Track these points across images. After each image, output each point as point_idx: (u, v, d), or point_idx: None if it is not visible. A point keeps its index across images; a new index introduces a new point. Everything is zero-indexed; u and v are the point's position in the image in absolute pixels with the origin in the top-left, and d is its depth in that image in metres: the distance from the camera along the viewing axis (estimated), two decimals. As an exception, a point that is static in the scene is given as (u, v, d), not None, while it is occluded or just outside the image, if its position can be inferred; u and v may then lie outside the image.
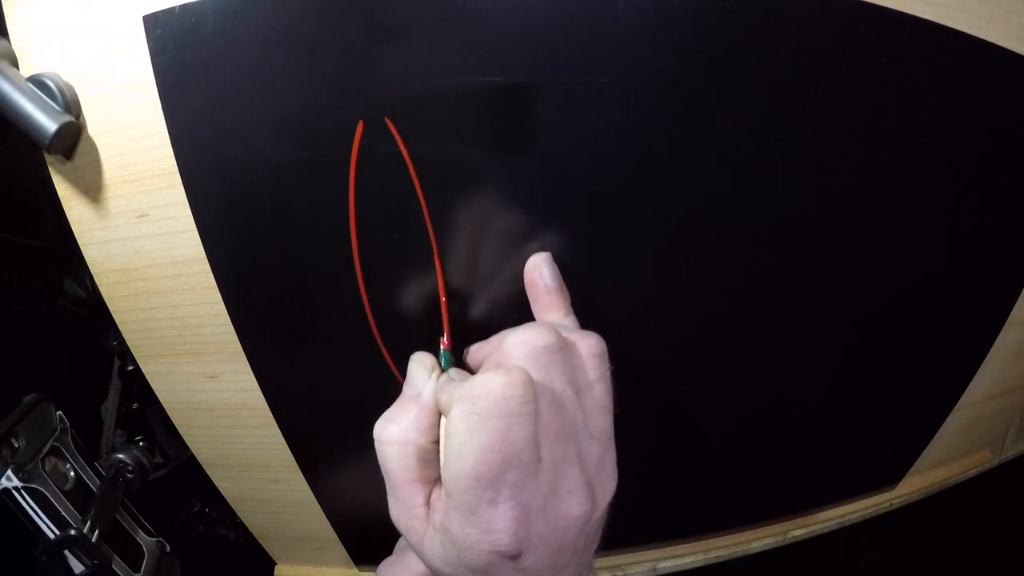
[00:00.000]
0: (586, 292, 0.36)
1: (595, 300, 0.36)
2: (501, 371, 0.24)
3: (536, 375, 0.25)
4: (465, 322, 0.35)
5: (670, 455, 0.45)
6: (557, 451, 0.25)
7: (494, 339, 0.29)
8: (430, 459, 0.27)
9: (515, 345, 0.26)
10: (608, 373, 0.28)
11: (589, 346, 0.27)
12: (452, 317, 0.33)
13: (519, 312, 0.35)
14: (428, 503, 0.27)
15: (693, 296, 0.37)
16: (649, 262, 0.36)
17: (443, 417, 0.27)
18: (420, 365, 0.29)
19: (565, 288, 0.31)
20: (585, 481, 0.25)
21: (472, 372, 0.31)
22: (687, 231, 0.35)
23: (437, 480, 0.27)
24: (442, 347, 0.31)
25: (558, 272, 0.31)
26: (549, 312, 0.31)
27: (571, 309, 0.31)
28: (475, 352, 0.31)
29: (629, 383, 0.40)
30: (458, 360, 0.32)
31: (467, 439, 0.23)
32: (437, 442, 0.27)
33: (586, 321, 0.37)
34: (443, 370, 0.30)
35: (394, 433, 0.27)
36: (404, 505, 0.27)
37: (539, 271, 0.31)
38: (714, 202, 0.35)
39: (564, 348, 0.26)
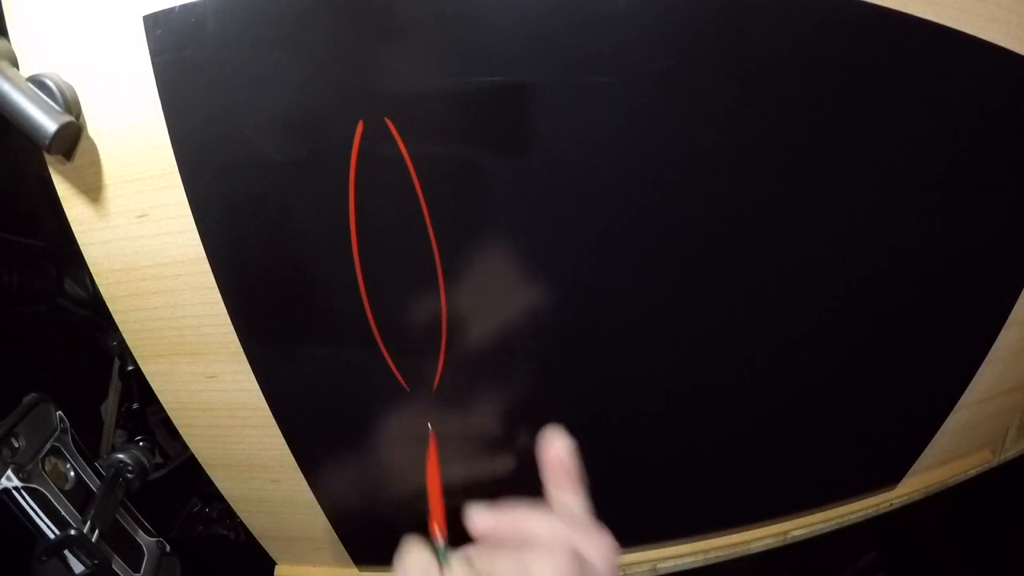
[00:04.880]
0: (587, 291, 0.36)
1: (596, 299, 0.36)
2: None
3: None
4: (465, 327, 0.36)
5: (671, 455, 0.45)
6: None
7: (505, 523, 0.31)
8: None
9: (541, 568, 0.28)
10: (617, 572, 0.31)
11: (600, 554, 0.30)
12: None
13: (520, 306, 0.35)
14: None
15: (693, 295, 0.37)
16: (649, 261, 0.36)
17: None
18: (418, 567, 0.30)
19: (579, 470, 0.33)
20: None
21: (470, 534, 0.32)
22: (688, 230, 0.35)
23: None
24: (440, 543, 0.32)
25: (576, 457, 0.33)
26: (563, 490, 0.33)
27: (580, 488, 0.33)
28: (484, 523, 0.32)
29: (630, 382, 0.40)
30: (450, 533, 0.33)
31: None
32: None
33: (587, 321, 0.37)
34: (441, 561, 0.30)
35: None
36: None
37: (560, 456, 0.33)
38: (715, 202, 0.35)
39: (581, 564, 0.29)
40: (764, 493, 0.50)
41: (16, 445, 0.39)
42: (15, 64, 0.29)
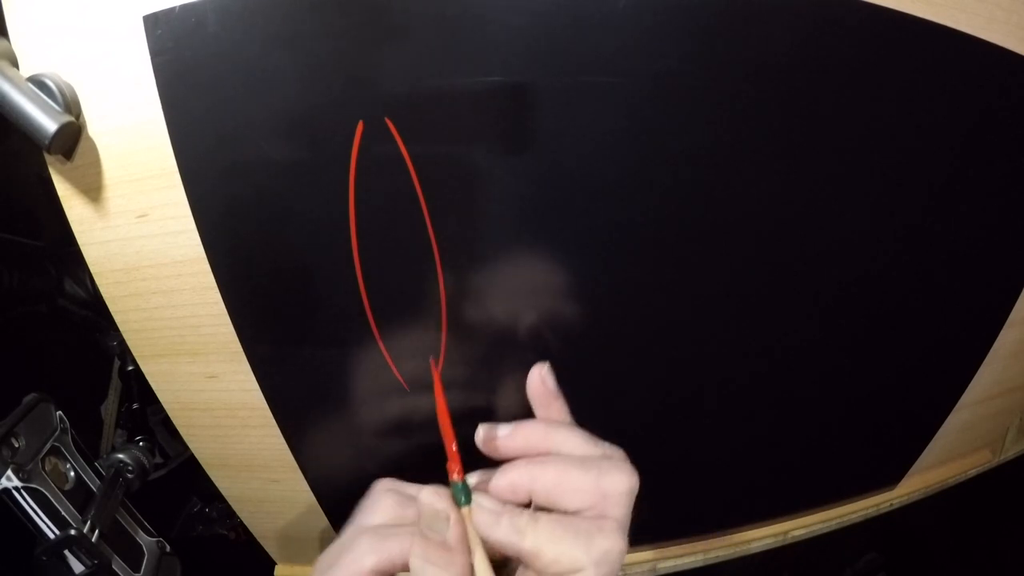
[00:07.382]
0: (586, 292, 0.36)
1: (595, 300, 0.36)
2: (620, 535, 0.29)
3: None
4: (465, 327, 0.36)
5: (671, 455, 0.45)
6: None
7: (530, 439, 0.32)
8: None
9: (620, 497, 0.30)
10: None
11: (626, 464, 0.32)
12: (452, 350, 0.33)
13: (520, 307, 0.35)
14: None
15: (694, 296, 0.37)
16: (650, 262, 0.36)
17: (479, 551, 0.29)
18: (436, 515, 0.29)
19: (558, 390, 0.34)
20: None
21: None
22: (688, 231, 0.35)
23: None
24: (457, 480, 0.29)
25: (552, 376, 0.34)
26: (550, 411, 0.34)
27: (564, 406, 0.34)
28: (511, 442, 0.32)
29: (630, 382, 0.40)
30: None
31: None
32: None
33: (587, 321, 0.37)
34: (460, 502, 0.29)
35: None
36: None
37: (540, 380, 0.33)
38: (715, 202, 0.35)
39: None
40: (764, 493, 0.50)
41: (16, 445, 0.39)
42: (15, 64, 0.29)
